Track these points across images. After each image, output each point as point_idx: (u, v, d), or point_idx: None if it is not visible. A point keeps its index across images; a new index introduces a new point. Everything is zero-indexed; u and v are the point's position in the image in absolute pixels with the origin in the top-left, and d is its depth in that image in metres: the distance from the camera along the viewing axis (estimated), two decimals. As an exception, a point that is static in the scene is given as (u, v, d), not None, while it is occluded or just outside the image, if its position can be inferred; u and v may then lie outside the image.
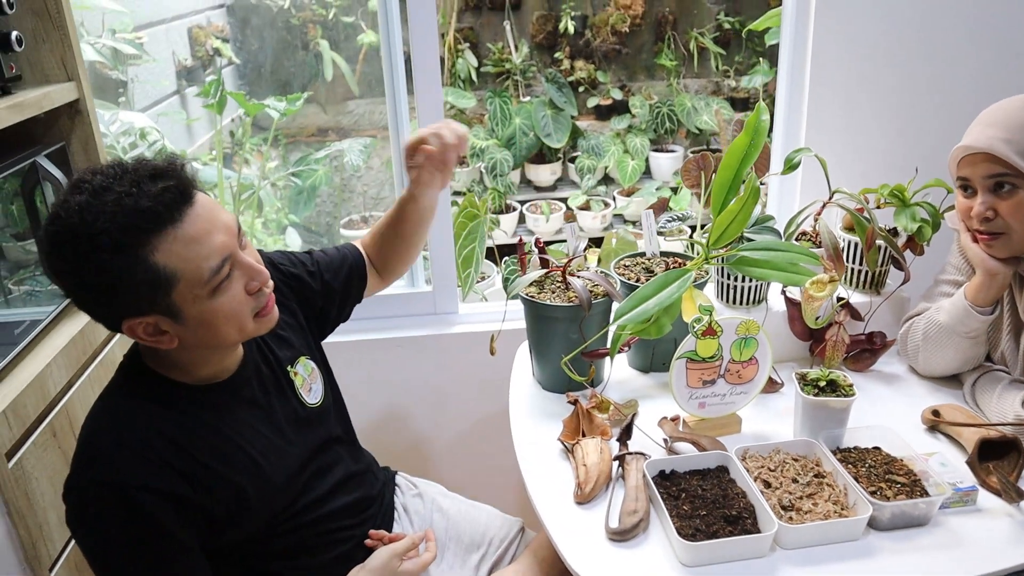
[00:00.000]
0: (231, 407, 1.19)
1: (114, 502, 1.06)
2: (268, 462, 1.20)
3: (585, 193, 4.08)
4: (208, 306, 1.06)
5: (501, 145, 4.00)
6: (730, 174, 1.37)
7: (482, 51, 4.23)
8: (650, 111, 4.14)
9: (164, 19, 3.25)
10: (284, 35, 3.70)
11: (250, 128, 3.49)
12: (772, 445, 1.35)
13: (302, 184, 3.24)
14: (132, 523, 1.07)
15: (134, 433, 1.09)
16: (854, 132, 1.89)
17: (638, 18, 4.15)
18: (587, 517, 1.26)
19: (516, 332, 1.66)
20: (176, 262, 1.01)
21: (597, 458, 1.32)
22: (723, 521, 1.20)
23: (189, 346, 1.11)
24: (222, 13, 3.70)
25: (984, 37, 1.85)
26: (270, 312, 1.16)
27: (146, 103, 3.03)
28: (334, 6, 3.71)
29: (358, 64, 3.76)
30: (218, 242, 1.05)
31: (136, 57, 2.81)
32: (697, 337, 1.35)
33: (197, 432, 1.13)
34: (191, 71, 3.43)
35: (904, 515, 1.21)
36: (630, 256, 1.70)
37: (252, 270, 1.10)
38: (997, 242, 1.38)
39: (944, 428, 1.42)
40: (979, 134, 1.33)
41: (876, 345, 1.61)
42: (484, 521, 1.51)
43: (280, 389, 1.29)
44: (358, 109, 3.91)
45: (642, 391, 1.59)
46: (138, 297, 1.02)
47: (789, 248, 1.42)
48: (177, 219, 1.01)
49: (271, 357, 1.29)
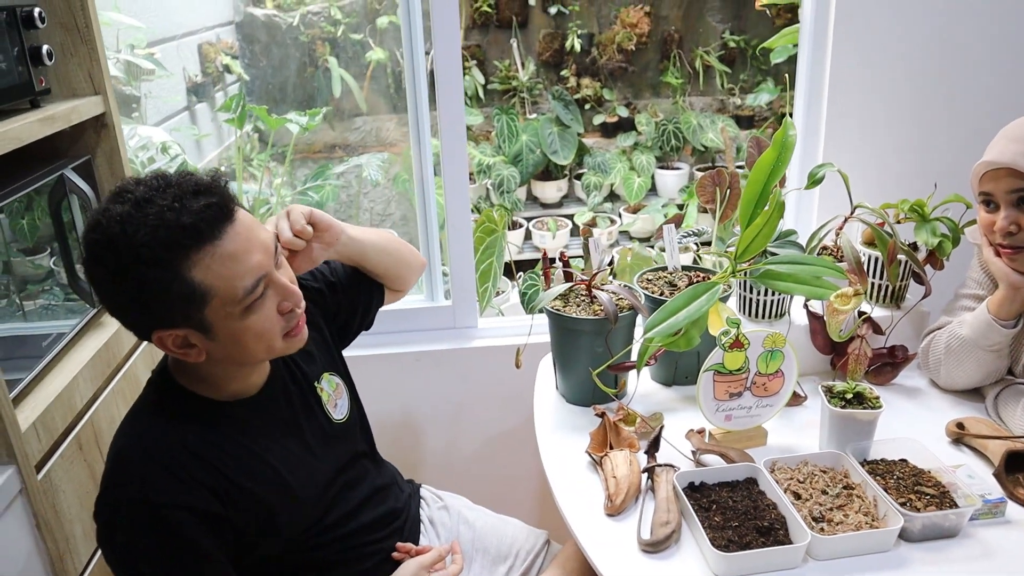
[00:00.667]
0: (259, 423, 1.19)
1: (145, 520, 1.06)
2: (296, 478, 1.20)
3: (591, 210, 4.10)
4: (240, 324, 1.06)
5: (508, 162, 4.03)
6: (758, 188, 1.38)
7: (489, 68, 4.27)
8: (656, 128, 4.17)
9: (175, 35, 3.27)
10: (293, 52, 3.73)
11: (257, 144, 3.51)
12: (800, 457, 1.35)
13: (311, 200, 3.26)
14: (164, 541, 1.07)
15: (164, 450, 1.09)
16: (872, 147, 1.91)
17: (644, 36, 4.19)
18: (618, 529, 1.27)
19: (536, 346, 1.67)
20: (212, 279, 1.01)
21: (627, 470, 1.32)
22: (755, 532, 1.20)
23: (217, 360, 1.11)
24: (231, 30, 3.73)
25: (1003, 53, 1.87)
26: (299, 332, 1.15)
27: (158, 118, 3.05)
28: (343, 23, 3.75)
29: (366, 81, 3.79)
30: (255, 261, 1.05)
31: (150, 72, 2.82)
32: (725, 350, 1.36)
33: (226, 448, 1.13)
34: (201, 87, 3.45)
35: (935, 526, 1.21)
36: (652, 270, 1.71)
37: (286, 291, 1.10)
38: (1021, 256, 1.39)
39: (969, 441, 1.43)
40: (1002, 149, 1.35)
41: (898, 359, 1.62)
42: (511, 533, 1.51)
43: (307, 406, 1.29)
44: (365, 125, 3.93)
45: (666, 404, 1.59)
46: (172, 310, 1.02)
47: (814, 261, 1.44)
48: (217, 236, 1.01)
49: (298, 373, 1.29)
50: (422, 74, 1.83)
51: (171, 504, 1.07)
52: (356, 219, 3.93)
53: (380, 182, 3.21)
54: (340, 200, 3.79)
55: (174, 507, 1.07)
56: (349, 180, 3.18)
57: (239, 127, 2.50)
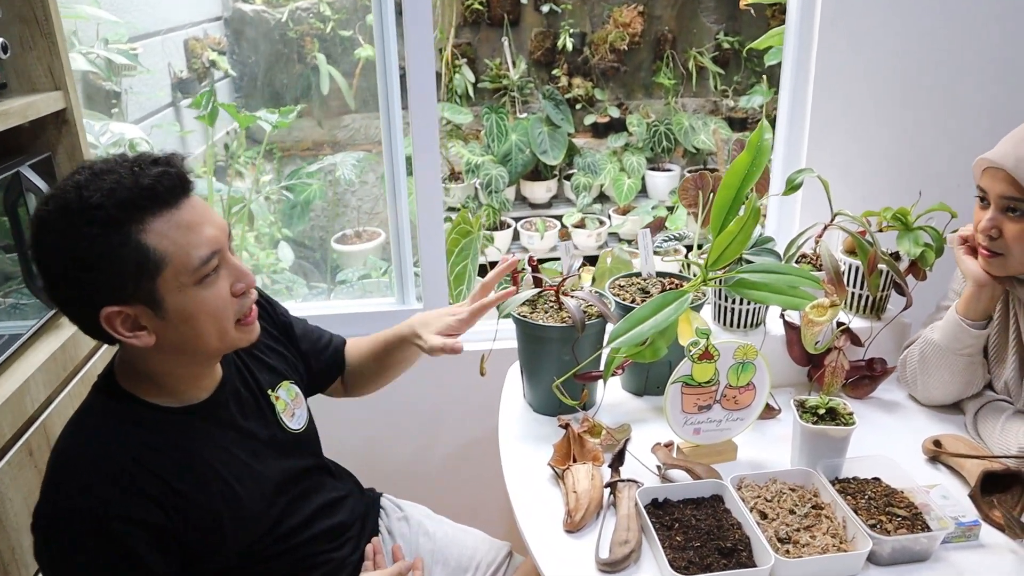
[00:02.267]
0: (208, 430, 1.15)
1: (86, 531, 1.02)
2: (244, 488, 1.16)
3: (580, 211, 4.06)
4: (192, 298, 1.03)
5: (497, 161, 3.99)
6: (731, 194, 1.33)
7: (479, 67, 4.22)
8: (647, 129, 4.13)
9: (160, 31, 3.22)
10: (281, 48, 3.68)
11: (244, 141, 3.47)
12: (769, 474, 1.31)
13: (296, 198, 3.21)
14: (104, 554, 1.03)
15: (108, 459, 1.05)
16: (856, 154, 1.86)
17: (637, 36, 4.14)
18: (577, 546, 1.22)
19: (508, 352, 1.62)
20: (167, 245, 0.99)
21: (588, 485, 1.28)
22: (717, 553, 1.15)
23: (167, 349, 1.06)
24: (219, 25, 3.69)
25: (990, 59, 1.82)
26: (252, 322, 1.13)
27: (140, 114, 3.00)
28: (332, 20, 3.70)
29: (355, 78, 3.74)
30: (210, 233, 1.03)
31: (130, 68, 2.78)
32: (693, 361, 1.31)
33: (172, 457, 1.09)
34: (186, 83, 3.41)
35: (905, 550, 1.17)
36: (625, 276, 1.66)
37: (239, 271, 1.08)
38: (995, 260, 1.35)
39: (946, 459, 1.38)
40: (1008, 152, 1.30)
41: (876, 372, 1.57)
42: (471, 545, 1.47)
43: (260, 413, 1.25)
44: (354, 123, 3.89)
45: (635, 415, 1.55)
46: (123, 280, 0.98)
47: (789, 271, 1.39)
48: (173, 204, 1.01)
49: (251, 380, 1.25)
50: (394, 73, 1.79)
51: (114, 516, 1.02)
52: (343, 218, 3.89)
53: (354, 182, 3.17)
54: (328, 199, 3.75)
55: (117, 519, 1.02)
56: (336, 179, 3.14)
57: (210, 124, 2.45)
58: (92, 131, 2.09)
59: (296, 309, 1.49)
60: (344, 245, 3.64)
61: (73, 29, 2.43)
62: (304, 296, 3.01)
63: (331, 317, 1.90)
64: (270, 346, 1.32)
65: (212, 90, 2.45)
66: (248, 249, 3.26)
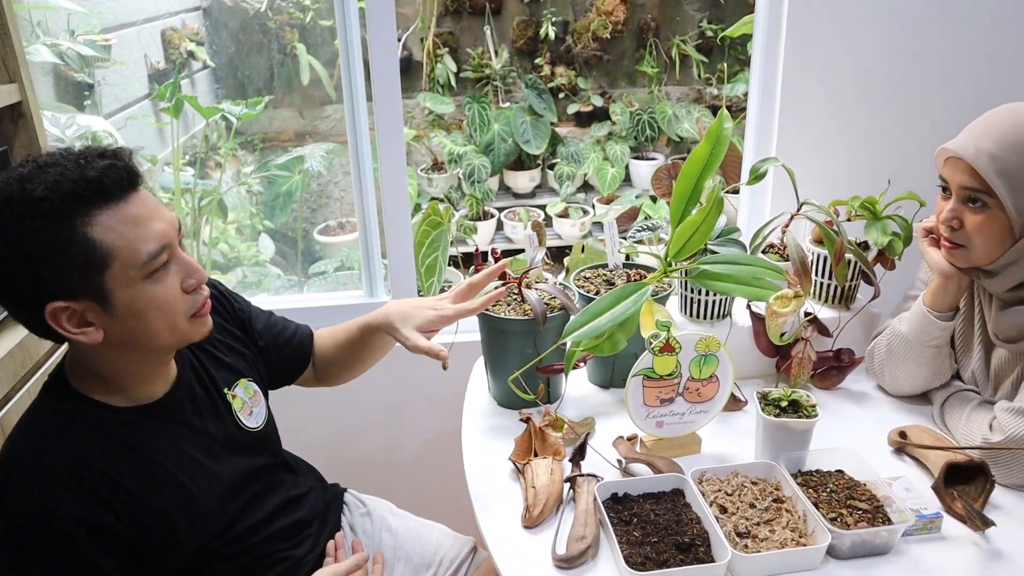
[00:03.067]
0: (161, 430, 1.13)
1: (37, 534, 1.00)
2: (198, 488, 1.14)
3: (564, 200, 4.03)
4: (140, 293, 1.01)
5: (479, 151, 3.96)
6: (690, 183, 1.32)
7: (462, 56, 4.18)
8: (631, 118, 4.10)
9: (135, 21, 3.18)
10: (260, 38, 3.64)
11: (225, 132, 3.43)
12: (731, 468, 1.29)
13: (277, 190, 3.18)
14: (54, 554, 1.01)
15: (58, 460, 1.03)
16: (826, 143, 1.84)
17: (620, 25, 4.10)
18: (535, 542, 1.21)
19: (474, 345, 1.60)
20: (114, 239, 0.97)
21: (547, 480, 1.26)
22: (675, 549, 1.14)
23: (116, 346, 1.04)
24: (197, 16, 3.65)
25: (958, 44, 1.80)
26: (205, 316, 1.11)
27: (116, 106, 2.97)
28: (311, 9, 3.67)
29: (335, 68, 3.71)
30: (159, 228, 1.02)
31: (102, 60, 2.74)
32: (654, 354, 1.30)
33: (123, 458, 1.07)
34: (164, 74, 3.37)
35: (865, 543, 1.15)
36: (591, 267, 1.65)
37: (190, 267, 1.07)
38: (958, 252, 1.34)
39: (911, 450, 1.37)
40: (969, 142, 1.27)
41: (844, 362, 1.56)
42: (435, 540, 1.45)
43: (216, 412, 1.23)
44: (336, 114, 3.86)
45: (601, 408, 1.53)
46: (69, 275, 0.96)
47: (753, 262, 1.38)
48: (120, 198, 0.99)
49: (207, 378, 1.23)
50: (358, 64, 1.76)
51: (65, 517, 1.00)
52: (325, 209, 3.86)
53: (323, 173, 3.14)
54: (311, 190, 3.73)
55: (68, 521, 1.00)
56: (305, 171, 3.11)
57: (175, 116, 2.42)
58: (57, 124, 2.06)
59: (262, 303, 1.46)
60: (327, 236, 3.62)
61: (38, 20, 2.39)
62: (276, 289, 2.98)
63: (298, 310, 1.88)
64: (227, 343, 1.30)
65: (176, 82, 2.42)
66: (228, 241, 3.23)
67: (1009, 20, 1.79)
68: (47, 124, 2.08)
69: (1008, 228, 1.27)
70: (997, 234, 1.28)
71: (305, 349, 1.45)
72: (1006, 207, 1.24)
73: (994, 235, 1.28)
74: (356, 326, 1.43)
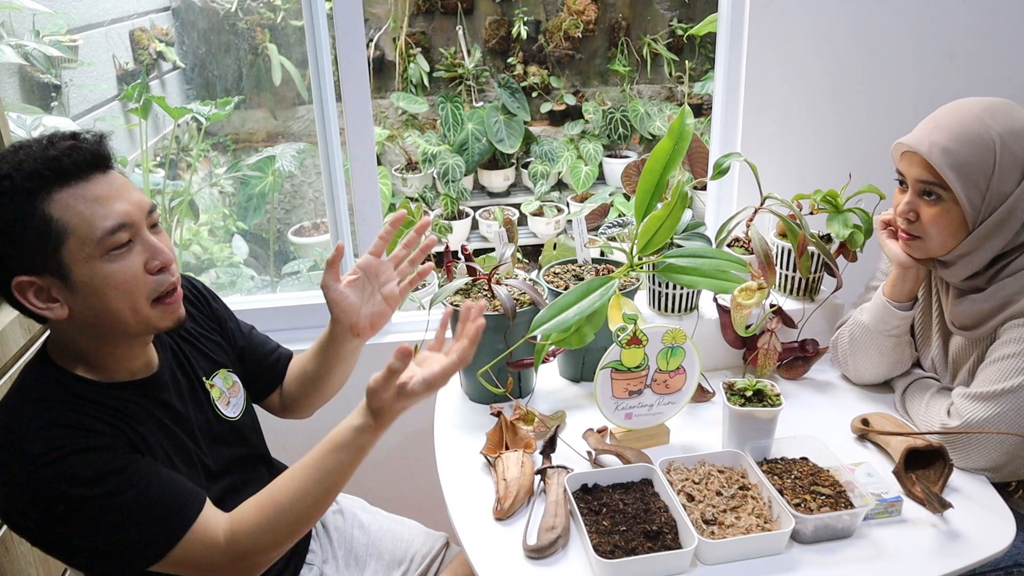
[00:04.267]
0: (146, 407, 1.13)
1: (68, 470, 0.99)
2: (183, 464, 1.14)
3: (538, 199, 4.05)
4: (98, 271, 1.01)
5: (453, 151, 3.97)
6: (654, 179, 1.34)
7: (434, 56, 4.19)
8: (603, 117, 4.13)
9: (103, 21, 3.16)
10: (231, 39, 3.63)
11: (197, 134, 3.42)
12: (698, 457, 1.32)
13: (250, 191, 3.17)
14: (90, 479, 0.99)
15: (59, 413, 1.03)
16: (789, 137, 1.87)
17: (591, 24, 4.13)
18: (506, 533, 1.22)
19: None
20: (70, 217, 0.99)
21: (518, 472, 1.28)
22: (643, 537, 1.16)
23: (86, 326, 1.05)
24: (167, 16, 3.62)
25: (917, 40, 1.84)
26: (174, 302, 1.10)
27: (84, 107, 2.94)
28: (282, 9, 3.66)
29: (308, 69, 3.70)
30: (120, 208, 1.02)
31: (69, 61, 2.72)
32: (622, 346, 1.32)
33: (113, 424, 1.07)
34: (133, 75, 3.34)
35: (827, 528, 1.18)
36: (561, 263, 1.67)
37: (155, 249, 1.06)
38: (915, 243, 1.37)
39: (873, 437, 1.40)
40: (923, 136, 1.31)
41: (809, 353, 1.59)
42: (407, 537, 1.46)
43: (196, 399, 1.23)
44: (309, 114, 3.85)
45: (572, 401, 1.55)
46: (28, 250, 0.99)
47: (717, 255, 1.40)
48: (81, 178, 1.01)
49: (187, 366, 1.24)
50: (326, 65, 1.77)
51: (84, 447, 1.00)
52: (300, 210, 3.85)
53: (295, 173, 3.14)
54: (284, 191, 3.71)
55: (88, 449, 1.01)
56: (276, 171, 3.10)
57: (143, 117, 2.41)
58: (23, 125, 2.05)
59: (235, 303, 1.46)
60: (301, 237, 3.61)
61: (3, 20, 2.37)
62: (248, 289, 2.97)
63: (270, 310, 1.89)
64: (207, 336, 1.31)
65: (144, 82, 2.41)
66: (202, 243, 3.22)
67: (967, 15, 1.83)
68: (12, 125, 2.07)
69: (962, 220, 1.30)
70: (952, 226, 1.32)
71: (281, 367, 1.43)
72: (960, 200, 1.28)
73: (949, 227, 1.32)
74: (320, 337, 1.40)
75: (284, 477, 1.10)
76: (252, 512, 1.08)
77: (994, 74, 1.89)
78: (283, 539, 1.10)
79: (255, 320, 1.49)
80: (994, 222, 1.29)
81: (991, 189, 1.27)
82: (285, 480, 1.09)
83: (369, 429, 1.07)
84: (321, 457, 1.09)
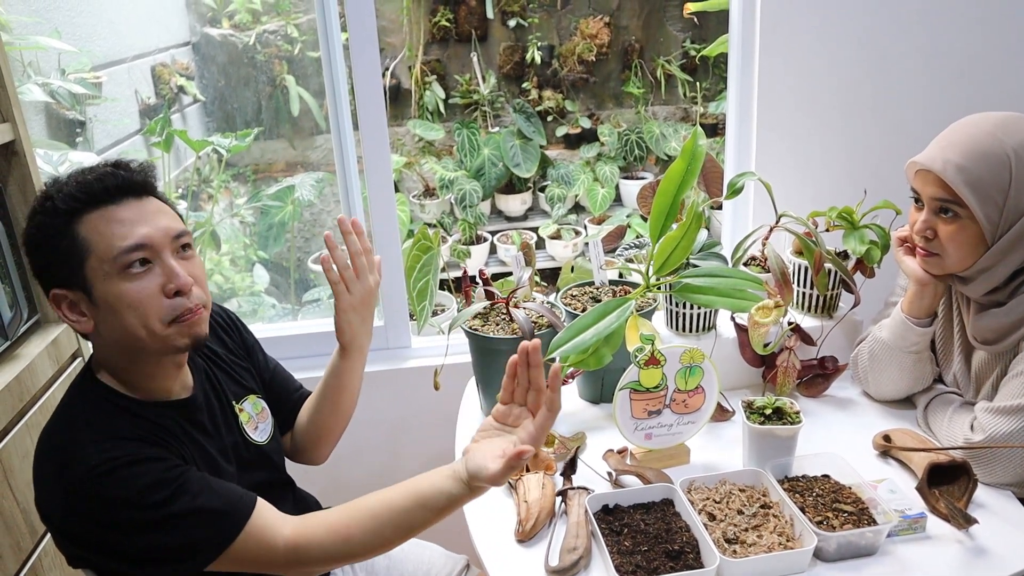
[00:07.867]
0: (184, 427, 1.16)
1: (127, 478, 1.02)
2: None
3: (556, 222, 4.07)
4: (114, 288, 1.06)
5: (470, 176, 4.00)
6: (668, 200, 1.35)
7: (450, 83, 4.24)
8: (619, 139, 4.15)
9: (125, 58, 3.23)
10: (250, 71, 3.69)
11: (217, 165, 3.47)
12: (719, 476, 1.32)
13: (271, 220, 3.21)
14: (145, 471, 1.03)
15: (112, 425, 1.08)
16: (802, 156, 1.88)
17: (605, 47, 4.17)
18: (528, 555, 1.23)
19: (466, 366, 1.63)
20: (94, 236, 1.05)
21: (539, 494, 1.29)
22: (664, 556, 1.16)
23: (110, 342, 1.10)
24: (187, 51, 3.70)
25: (928, 57, 1.85)
26: (191, 321, 1.11)
27: (108, 142, 3.01)
28: (300, 41, 3.72)
29: (325, 99, 3.76)
30: (142, 232, 1.07)
31: (93, 97, 2.79)
32: (640, 367, 1.33)
33: (157, 438, 1.10)
34: (155, 109, 3.41)
35: (851, 545, 1.18)
36: (578, 285, 1.68)
37: (172, 272, 1.08)
38: (932, 260, 1.37)
39: (895, 453, 1.40)
40: (936, 154, 1.31)
41: (828, 370, 1.58)
42: (428, 559, 1.47)
43: (228, 423, 1.27)
44: (326, 144, 3.90)
45: (592, 423, 1.56)
46: (60, 264, 1.06)
47: (733, 274, 1.41)
48: (112, 201, 1.07)
49: (220, 389, 1.27)
50: (343, 95, 1.80)
51: (132, 458, 1.04)
52: (319, 238, 3.89)
53: (314, 202, 3.18)
54: (304, 219, 3.76)
55: (135, 459, 1.04)
56: (309, 199, 3.14)
57: (166, 150, 2.46)
58: (50, 161, 2.10)
59: (258, 331, 1.48)
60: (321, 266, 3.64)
61: (29, 60, 2.44)
62: (270, 317, 3.00)
63: (292, 338, 1.91)
64: (238, 363, 1.34)
65: (166, 116, 2.46)
66: (223, 272, 3.26)
67: (976, 32, 1.84)
68: (40, 162, 2.12)
69: (980, 236, 1.30)
70: (970, 242, 1.32)
71: (296, 407, 1.45)
72: (977, 216, 1.28)
73: (967, 243, 1.32)
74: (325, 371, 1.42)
75: (363, 510, 1.11)
76: (321, 532, 1.10)
77: (1005, 89, 1.89)
78: (341, 562, 1.14)
79: (277, 347, 1.51)
80: (1013, 236, 1.29)
81: (1008, 204, 1.27)
82: (363, 514, 1.10)
83: (463, 499, 1.09)
84: (407, 509, 1.10)
